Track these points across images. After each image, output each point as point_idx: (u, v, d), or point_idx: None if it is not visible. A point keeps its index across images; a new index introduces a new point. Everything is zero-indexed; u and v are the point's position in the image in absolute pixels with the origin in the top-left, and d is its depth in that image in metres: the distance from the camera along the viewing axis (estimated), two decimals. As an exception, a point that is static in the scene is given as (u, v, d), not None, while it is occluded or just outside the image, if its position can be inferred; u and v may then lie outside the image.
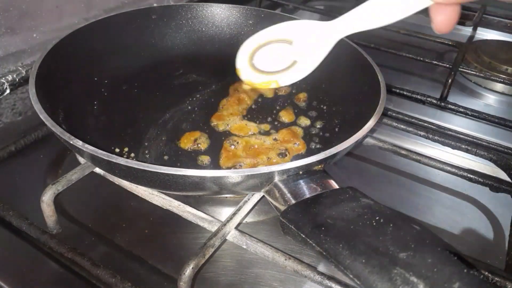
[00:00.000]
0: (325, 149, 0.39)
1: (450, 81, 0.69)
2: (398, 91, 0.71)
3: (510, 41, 0.93)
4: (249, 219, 0.47)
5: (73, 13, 0.65)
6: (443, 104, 0.68)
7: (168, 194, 0.45)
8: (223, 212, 0.48)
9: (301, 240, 0.33)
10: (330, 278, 0.38)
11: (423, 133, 0.59)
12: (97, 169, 0.46)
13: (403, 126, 0.60)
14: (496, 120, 0.65)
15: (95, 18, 0.60)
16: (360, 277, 0.28)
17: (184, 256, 0.38)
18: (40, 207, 0.42)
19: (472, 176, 0.51)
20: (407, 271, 0.28)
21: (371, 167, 0.58)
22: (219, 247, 0.40)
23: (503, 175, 0.53)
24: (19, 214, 0.43)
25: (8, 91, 0.57)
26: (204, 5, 0.69)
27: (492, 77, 0.75)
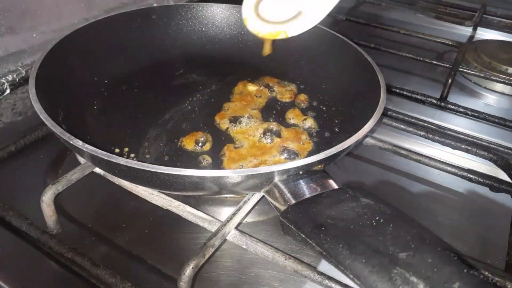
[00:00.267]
0: (325, 149, 0.39)
1: (450, 81, 0.69)
2: (398, 91, 0.71)
3: (510, 41, 0.93)
4: (249, 219, 0.47)
5: (73, 13, 0.65)
6: (443, 104, 0.68)
7: (168, 194, 0.45)
8: (223, 212, 0.48)
9: (301, 240, 0.33)
10: (330, 278, 0.38)
11: (423, 133, 0.59)
12: (97, 169, 0.46)
13: (403, 126, 0.60)
14: (496, 120, 0.65)
15: (95, 18, 0.60)
16: (360, 277, 0.28)
17: (184, 256, 0.38)
18: (40, 207, 0.42)
19: (472, 176, 0.51)
20: (407, 271, 0.28)
21: (371, 167, 0.58)
22: (219, 247, 0.40)
23: (503, 175, 0.53)
24: (19, 214, 0.43)
25: (8, 91, 0.57)
26: (204, 5, 0.69)
27: (492, 77, 0.75)
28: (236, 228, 0.41)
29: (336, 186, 0.38)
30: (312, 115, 0.59)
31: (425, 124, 0.63)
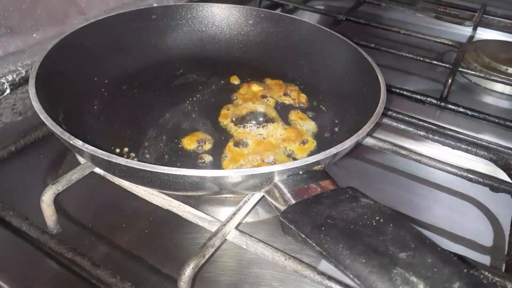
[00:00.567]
0: (325, 149, 0.39)
1: (450, 81, 0.69)
2: (398, 91, 0.71)
3: (510, 41, 0.93)
4: (249, 219, 0.47)
5: (73, 13, 0.65)
6: (443, 104, 0.68)
7: (168, 194, 0.45)
8: (223, 212, 0.48)
9: (301, 240, 0.33)
10: (330, 278, 0.38)
11: (423, 133, 0.59)
12: (97, 169, 0.46)
13: (403, 126, 0.60)
14: (496, 120, 0.65)
15: (95, 18, 0.60)
16: (360, 277, 0.28)
17: (184, 256, 0.38)
18: (40, 207, 0.42)
19: (472, 176, 0.51)
20: (407, 271, 0.28)
21: (371, 167, 0.58)
22: (219, 247, 0.40)
23: (503, 175, 0.53)
24: (19, 214, 0.43)
25: (8, 91, 0.57)
26: (204, 5, 0.69)
27: (492, 77, 0.75)
28: (236, 228, 0.41)
29: (336, 186, 0.38)
30: (312, 115, 0.59)
31: (425, 124, 0.63)
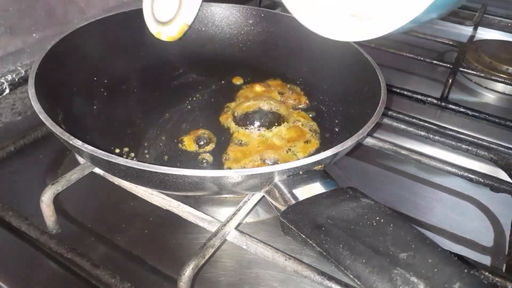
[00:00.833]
0: (325, 149, 0.39)
1: (450, 81, 0.69)
2: (398, 91, 0.71)
3: (511, 40, 0.92)
4: (249, 219, 0.47)
5: (72, 13, 0.65)
6: (443, 104, 0.68)
7: (168, 194, 0.45)
8: (223, 212, 0.48)
9: (301, 240, 0.33)
10: (331, 279, 0.37)
11: (423, 133, 0.58)
12: (96, 169, 0.46)
13: (403, 126, 0.60)
14: (497, 120, 0.65)
15: (94, 17, 0.60)
16: (361, 277, 0.28)
17: (184, 256, 0.38)
18: (40, 207, 0.42)
19: (472, 176, 0.51)
20: (408, 271, 0.27)
21: (371, 167, 0.58)
22: (219, 247, 0.40)
23: (503, 175, 0.53)
24: (18, 214, 0.43)
25: (7, 91, 0.57)
26: (204, 5, 0.68)
27: (492, 77, 0.75)
28: (236, 228, 0.41)
29: (336, 186, 0.38)
30: (312, 115, 0.59)
31: (426, 124, 0.63)
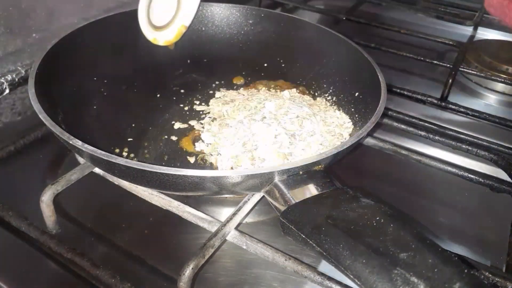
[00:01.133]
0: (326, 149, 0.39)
1: (450, 81, 0.69)
2: (398, 91, 0.71)
3: (511, 40, 0.92)
4: (249, 219, 0.47)
5: (72, 13, 0.65)
6: (443, 104, 0.68)
7: (168, 194, 0.45)
8: (223, 212, 0.48)
9: (301, 240, 0.33)
10: (331, 279, 0.37)
11: (423, 133, 0.58)
12: (96, 169, 0.46)
13: (403, 126, 0.60)
14: (497, 120, 0.65)
15: (95, 18, 0.60)
16: (361, 277, 0.28)
17: (184, 256, 0.38)
18: (40, 207, 0.42)
19: (472, 176, 0.51)
20: (408, 271, 0.27)
21: (371, 167, 0.58)
22: (219, 247, 0.40)
23: (503, 175, 0.53)
24: (18, 214, 0.43)
25: (7, 91, 0.57)
26: (204, 4, 0.69)
27: (492, 77, 0.75)
28: (236, 228, 0.41)
29: (336, 186, 0.38)
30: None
31: (426, 124, 0.63)
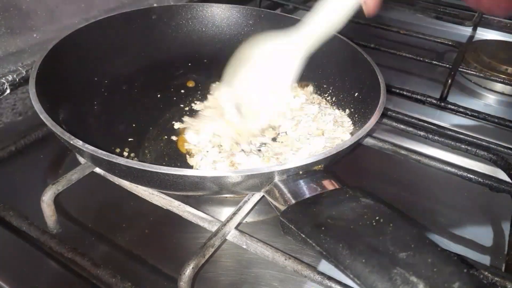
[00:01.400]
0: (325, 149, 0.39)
1: (450, 81, 0.69)
2: (398, 91, 0.71)
3: (510, 41, 0.93)
4: (249, 219, 0.47)
5: (73, 13, 0.65)
6: (443, 104, 0.68)
7: (168, 194, 0.45)
8: (223, 212, 0.48)
9: (301, 240, 0.33)
10: (330, 278, 0.38)
11: (423, 133, 0.59)
12: (97, 169, 0.46)
13: (403, 126, 0.60)
14: (496, 120, 0.65)
15: (95, 18, 0.60)
16: (360, 277, 0.28)
17: (184, 256, 0.38)
18: (40, 207, 0.42)
19: (471, 176, 0.51)
20: (407, 270, 0.28)
21: (371, 167, 0.58)
22: (219, 247, 0.40)
23: (503, 175, 0.53)
24: (19, 214, 0.43)
25: (8, 91, 0.57)
26: (204, 5, 0.69)
27: (492, 77, 0.75)
28: (236, 228, 0.41)
29: (336, 186, 0.38)
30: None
31: (425, 124, 0.63)
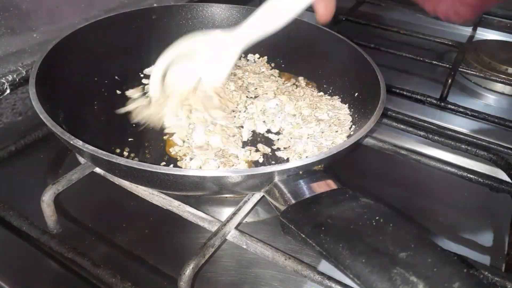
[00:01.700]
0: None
1: (450, 81, 0.69)
2: (398, 91, 0.71)
3: (510, 41, 0.93)
4: (249, 219, 0.47)
5: (73, 13, 0.65)
6: (443, 104, 0.68)
7: (168, 194, 0.45)
8: (223, 212, 0.48)
9: (301, 240, 0.33)
10: (330, 278, 0.38)
11: (423, 133, 0.59)
12: (97, 169, 0.46)
13: (403, 126, 0.60)
14: (496, 120, 0.65)
15: (95, 18, 0.60)
16: (360, 276, 0.28)
17: (184, 256, 0.38)
18: (40, 207, 0.42)
19: (471, 176, 0.51)
20: (407, 270, 0.28)
21: (371, 167, 0.58)
22: (219, 247, 0.40)
23: (503, 175, 0.53)
24: (19, 214, 0.43)
25: (8, 91, 0.57)
26: (204, 5, 0.69)
27: (492, 77, 0.75)
28: (236, 228, 0.41)
29: (336, 186, 0.38)
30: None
31: (425, 124, 0.63)
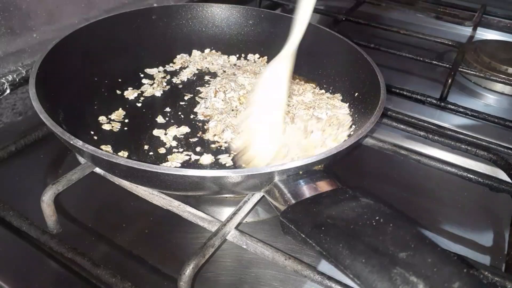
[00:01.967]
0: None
1: (450, 81, 0.69)
2: (398, 91, 0.71)
3: (510, 41, 0.93)
4: (249, 219, 0.47)
5: (73, 13, 0.65)
6: (443, 104, 0.69)
7: (168, 194, 0.45)
8: (223, 212, 0.48)
9: (301, 240, 0.33)
10: (330, 278, 0.38)
11: (423, 133, 0.59)
12: (97, 169, 0.46)
13: (403, 126, 0.60)
14: (496, 120, 0.65)
15: (95, 18, 0.60)
16: (360, 276, 0.28)
17: (184, 256, 0.38)
18: (40, 207, 0.42)
19: (471, 176, 0.51)
20: (407, 270, 0.28)
21: (371, 167, 0.58)
22: (219, 247, 0.40)
23: (503, 175, 0.53)
24: (19, 214, 0.43)
25: (8, 91, 0.57)
26: (204, 5, 0.69)
27: (492, 77, 0.75)
28: (236, 228, 0.41)
29: (336, 186, 0.38)
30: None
31: (425, 124, 0.63)
